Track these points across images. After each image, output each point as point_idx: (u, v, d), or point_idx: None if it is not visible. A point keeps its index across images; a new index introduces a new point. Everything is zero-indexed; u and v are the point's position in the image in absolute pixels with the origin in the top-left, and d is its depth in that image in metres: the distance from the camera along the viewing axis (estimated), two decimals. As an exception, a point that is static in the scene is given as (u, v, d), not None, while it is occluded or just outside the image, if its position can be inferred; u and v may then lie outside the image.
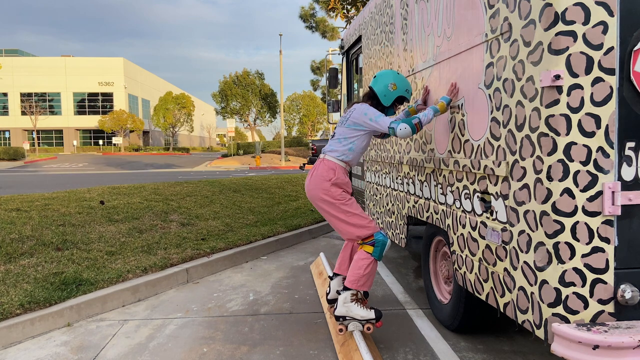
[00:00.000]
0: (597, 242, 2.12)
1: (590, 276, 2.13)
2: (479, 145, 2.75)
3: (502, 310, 2.57)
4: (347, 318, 3.19)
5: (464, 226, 2.97)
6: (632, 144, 2.12)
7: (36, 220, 6.33)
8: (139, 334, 3.54)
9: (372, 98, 3.41)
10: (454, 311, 3.34)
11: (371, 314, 3.16)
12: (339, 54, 7.09)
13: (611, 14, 2.06)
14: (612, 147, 2.10)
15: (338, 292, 3.30)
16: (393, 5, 4.25)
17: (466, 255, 2.96)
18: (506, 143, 2.46)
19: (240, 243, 5.83)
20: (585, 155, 2.10)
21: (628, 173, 2.12)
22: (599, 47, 2.07)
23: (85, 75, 58.16)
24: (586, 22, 2.05)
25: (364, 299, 3.29)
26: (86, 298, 3.89)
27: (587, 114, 2.09)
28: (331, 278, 3.68)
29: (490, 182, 2.63)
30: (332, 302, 3.58)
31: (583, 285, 2.13)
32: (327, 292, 3.67)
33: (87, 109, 59.48)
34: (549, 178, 2.13)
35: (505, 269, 2.50)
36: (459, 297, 3.25)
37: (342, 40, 6.73)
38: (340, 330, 3.18)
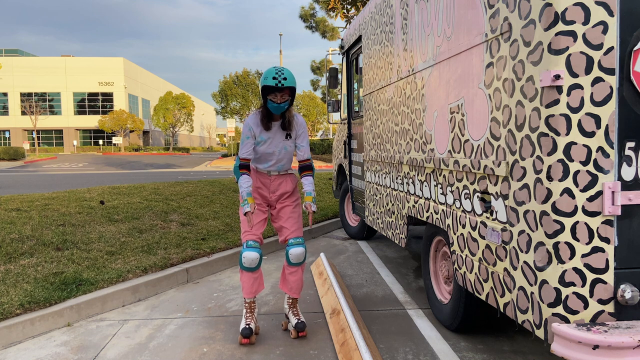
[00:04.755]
0: (597, 242, 2.12)
1: (590, 276, 2.13)
2: (479, 145, 2.75)
3: (502, 310, 2.57)
4: None
5: (464, 226, 2.97)
6: (632, 144, 2.12)
7: (36, 220, 6.33)
8: (139, 334, 3.54)
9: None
10: (454, 311, 3.34)
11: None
12: (339, 54, 7.09)
13: (611, 14, 2.06)
14: (612, 147, 2.10)
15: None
16: (393, 5, 4.25)
17: (466, 255, 2.96)
18: (506, 143, 2.46)
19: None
20: (585, 155, 2.10)
21: (628, 173, 2.13)
22: (599, 47, 2.07)
23: (85, 75, 58.18)
24: (586, 22, 2.05)
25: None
26: (86, 298, 3.89)
27: (587, 113, 2.09)
28: None
29: (490, 182, 2.63)
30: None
31: (583, 285, 2.13)
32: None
33: (87, 109, 59.51)
34: (549, 178, 2.13)
35: (505, 269, 2.51)
36: (459, 297, 3.26)
37: (342, 40, 6.73)
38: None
